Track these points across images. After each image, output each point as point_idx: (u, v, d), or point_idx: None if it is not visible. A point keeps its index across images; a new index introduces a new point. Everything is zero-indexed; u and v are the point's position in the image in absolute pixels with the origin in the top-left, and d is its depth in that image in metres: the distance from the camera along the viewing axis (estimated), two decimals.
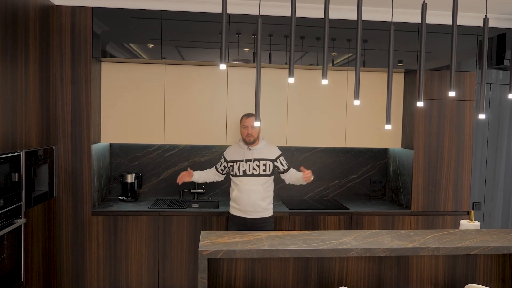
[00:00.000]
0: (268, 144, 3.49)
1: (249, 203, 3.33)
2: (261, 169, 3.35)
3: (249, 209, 3.34)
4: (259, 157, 3.36)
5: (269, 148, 3.45)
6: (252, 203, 3.33)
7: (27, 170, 3.05)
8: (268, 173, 3.37)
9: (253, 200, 3.32)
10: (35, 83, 3.17)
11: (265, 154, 3.39)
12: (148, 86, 3.90)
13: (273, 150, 3.45)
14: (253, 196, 3.33)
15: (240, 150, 3.42)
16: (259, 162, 3.35)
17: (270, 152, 3.42)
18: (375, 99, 4.09)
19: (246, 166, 3.35)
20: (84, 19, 3.57)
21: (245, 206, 3.35)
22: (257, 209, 3.35)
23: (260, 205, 3.34)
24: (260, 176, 3.35)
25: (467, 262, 2.64)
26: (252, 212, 3.35)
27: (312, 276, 2.52)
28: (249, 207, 3.34)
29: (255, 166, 3.35)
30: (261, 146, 3.41)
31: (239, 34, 3.75)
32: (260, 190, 3.34)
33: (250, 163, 3.35)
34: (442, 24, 3.83)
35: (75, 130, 3.62)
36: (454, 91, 2.64)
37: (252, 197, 3.32)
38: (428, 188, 3.98)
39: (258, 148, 3.39)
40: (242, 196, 3.35)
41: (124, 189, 4.09)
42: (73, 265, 3.67)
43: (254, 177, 3.34)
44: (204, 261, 2.23)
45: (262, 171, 3.35)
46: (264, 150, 3.41)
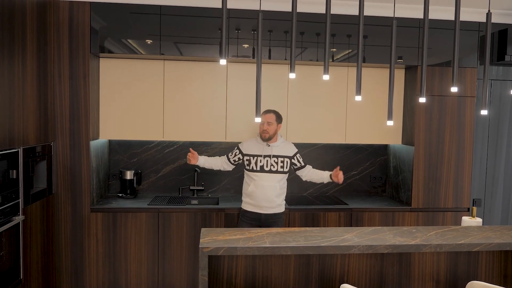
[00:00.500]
0: (285, 141, 3.50)
1: (265, 198, 3.33)
2: (279, 165, 3.35)
3: (265, 204, 3.34)
4: (278, 154, 3.36)
5: (287, 145, 3.46)
6: (268, 198, 3.33)
7: (25, 166, 3.02)
8: (286, 170, 3.39)
9: (269, 196, 3.33)
10: (32, 79, 3.14)
11: (283, 151, 3.39)
12: (147, 82, 3.87)
13: (290, 147, 3.46)
14: (270, 192, 3.33)
15: (258, 145, 3.41)
16: (277, 159, 3.35)
17: (288, 149, 3.43)
18: (375, 95, 4.07)
19: (264, 161, 3.34)
20: (82, 14, 3.53)
21: (260, 202, 3.34)
22: (272, 204, 3.35)
23: (275, 201, 3.36)
24: (277, 173, 3.35)
25: (469, 259, 2.63)
26: (268, 208, 3.35)
27: (314, 273, 2.51)
28: (265, 202, 3.34)
29: (273, 162, 3.35)
30: (279, 143, 3.41)
31: (239, 30, 3.72)
32: (277, 186, 3.35)
33: (268, 159, 3.34)
34: (442, 19, 3.80)
35: (74, 126, 3.59)
36: (456, 87, 2.62)
37: (269, 193, 3.33)
38: (429, 185, 3.97)
39: (276, 145, 3.39)
40: (258, 192, 3.34)
41: (123, 185, 4.06)
42: (72, 262, 3.65)
43: (272, 173, 3.34)
44: (205, 259, 2.21)
45: (280, 168, 3.36)
46: (283, 147, 3.41)
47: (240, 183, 4.31)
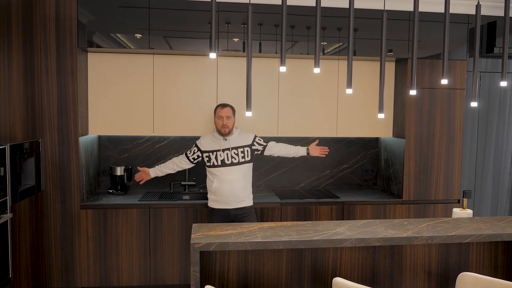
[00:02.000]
0: (242, 132, 3.45)
1: (232, 193, 3.29)
2: (240, 156, 3.32)
3: (232, 199, 3.31)
4: (236, 145, 3.33)
5: (244, 135, 3.42)
6: (233, 193, 3.29)
7: (12, 163, 2.97)
8: (248, 159, 3.35)
9: (234, 189, 3.29)
10: (19, 74, 3.08)
11: (241, 141, 3.36)
12: (136, 77, 3.82)
13: (247, 136, 3.43)
14: (234, 186, 3.29)
15: (215, 140, 3.37)
16: (237, 150, 3.32)
17: (245, 138, 3.39)
18: (366, 88, 4.07)
19: (224, 155, 3.31)
20: (68, 8, 3.47)
21: (227, 197, 3.31)
22: (239, 198, 3.32)
23: (242, 194, 3.32)
24: (240, 164, 3.32)
25: (460, 250, 2.65)
26: (235, 202, 3.32)
27: (306, 267, 2.50)
28: (232, 197, 3.30)
29: (233, 154, 3.31)
30: (236, 135, 3.38)
31: (229, 23, 3.68)
32: (241, 178, 3.32)
33: (228, 152, 3.31)
34: (432, 12, 3.80)
35: (62, 122, 3.53)
36: (446, 80, 2.63)
37: (233, 187, 3.29)
38: (419, 177, 3.99)
39: (233, 137, 3.36)
40: (223, 187, 3.30)
41: (113, 182, 4.02)
42: (62, 259, 3.61)
43: (234, 166, 3.30)
44: (197, 254, 2.20)
45: (242, 159, 3.32)
46: (240, 138, 3.38)
47: None
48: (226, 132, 3.31)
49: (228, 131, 3.31)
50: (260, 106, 3.91)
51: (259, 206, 3.74)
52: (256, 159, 4.29)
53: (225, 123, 3.28)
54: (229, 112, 3.32)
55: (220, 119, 3.31)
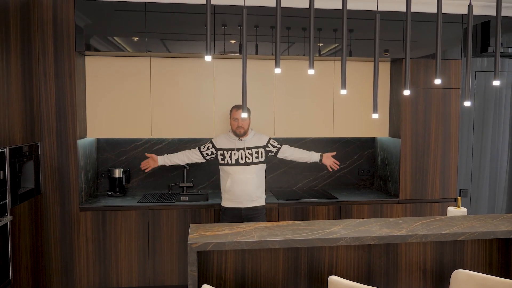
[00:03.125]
0: (257, 133, 3.51)
1: (244, 192, 3.33)
2: (253, 156, 3.37)
3: (245, 198, 3.35)
4: (251, 145, 3.39)
5: (259, 137, 3.48)
6: (247, 192, 3.33)
7: (12, 167, 3.00)
8: (262, 160, 3.40)
9: (247, 189, 3.33)
10: (17, 78, 3.11)
11: (256, 142, 3.42)
12: (134, 79, 3.85)
13: (262, 137, 3.49)
14: (248, 185, 3.34)
15: (230, 140, 3.42)
16: (251, 150, 3.37)
17: (260, 139, 3.45)
18: (362, 88, 4.10)
19: (239, 154, 3.35)
20: (66, 12, 3.50)
21: (240, 196, 3.35)
22: (251, 198, 3.36)
23: (254, 193, 3.37)
24: (253, 164, 3.36)
25: (454, 248, 2.68)
26: (247, 201, 3.36)
27: (302, 266, 2.53)
28: (245, 196, 3.34)
29: (247, 154, 3.36)
30: (251, 136, 3.44)
31: (225, 26, 3.71)
32: (254, 178, 3.36)
33: (242, 152, 3.35)
34: (427, 12, 3.84)
35: (60, 125, 3.57)
36: (439, 79, 2.66)
37: (247, 186, 3.33)
38: (416, 176, 4.02)
39: (249, 138, 3.42)
40: (236, 186, 3.34)
41: (112, 184, 4.05)
42: (62, 261, 3.64)
43: (247, 166, 3.35)
44: (194, 254, 2.23)
45: (255, 159, 3.37)
46: (255, 139, 3.44)
47: None
48: (241, 133, 3.35)
49: (243, 132, 3.35)
50: (257, 107, 3.94)
51: None
52: None
53: (240, 124, 3.33)
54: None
55: (235, 120, 3.35)
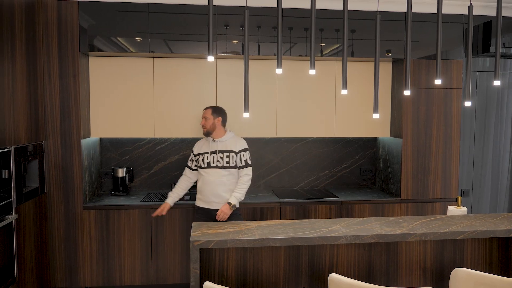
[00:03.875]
0: (235, 137, 3.47)
1: (212, 194, 3.36)
2: (224, 161, 3.36)
3: (213, 200, 3.37)
4: (223, 149, 3.38)
5: (235, 141, 3.43)
6: (215, 194, 3.36)
7: (17, 166, 3.04)
8: (232, 165, 3.36)
9: (216, 191, 3.35)
10: (22, 78, 3.15)
11: (229, 146, 3.39)
12: (137, 79, 3.89)
13: (238, 143, 3.42)
14: (217, 188, 3.35)
15: (206, 143, 3.46)
16: (223, 154, 3.37)
17: (234, 144, 3.40)
18: (364, 88, 4.12)
19: (211, 158, 3.38)
20: (70, 13, 3.54)
21: (209, 197, 3.38)
22: (221, 200, 3.36)
23: (224, 196, 3.36)
24: (223, 168, 3.35)
25: (454, 247, 2.70)
26: (217, 203, 3.37)
27: (303, 264, 2.56)
28: (213, 197, 3.37)
29: (219, 158, 3.36)
30: (226, 138, 3.41)
31: (227, 26, 3.74)
32: (224, 181, 3.35)
33: (214, 155, 3.37)
34: (429, 13, 3.86)
35: (64, 125, 3.61)
36: (440, 80, 2.68)
37: (216, 188, 3.35)
38: (417, 176, 4.03)
39: (222, 140, 3.40)
40: (206, 187, 3.38)
41: (115, 183, 4.09)
42: (66, 260, 3.68)
43: (217, 169, 3.35)
44: (196, 252, 2.26)
45: (226, 163, 3.35)
46: (229, 143, 3.41)
47: None
48: (204, 132, 3.40)
49: (206, 131, 3.40)
50: (259, 107, 3.97)
51: (259, 206, 3.80)
52: (255, 159, 4.35)
53: (202, 123, 3.41)
54: (207, 113, 3.40)
55: (202, 119, 3.43)
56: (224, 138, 3.41)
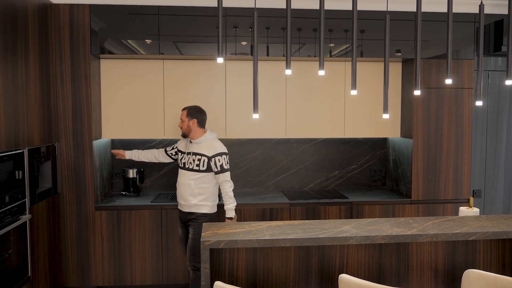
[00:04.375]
0: (212, 140, 3.39)
1: (180, 196, 3.38)
2: (195, 163, 3.32)
3: (181, 202, 3.40)
4: (197, 151, 3.34)
5: (210, 144, 3.35)
6: (182, 196, 3.37)
7: (30, 167, 3.09)
8: (202, 169, 3.30)
9: (183, 193, 3.36)
10: (35, 81, 3.20)
11: (203, 150, 3.32)
12: (147, 81, 3.92)
13: (213, 147, 3.33)
14: (184, 189, 3.35)
15: (186, 142, 3.50)
16: (195, 156, 3.33)
17: (209, 148, 3.32)
18: (374, 89, 4.11)
19: (187, 158, 3.38)
20: (82, 17, 3.59)
21: (179, 199, 3.42)
22: (187, 203, 3.35)
23: (189, 200, 3.32)
24: (192, 171, 3.32)
25: (466, 248, 2.67)
26: (184, 206, 3.39)
27: (313, 264, 2.56)
28: (181, 200, 3.39)
29: (191, 160, 3.34)
30: (202, 141, 3.36)
31: (236, 28, 3.76)
32: (191, 184, 3.31)
33: (190, 156, 3.37)
34: (439, 12, 3.83)
35: (76, 126, 3.65)
36: (450, 79, 2.66)
37: (183, 190, 3.35)
38: (428, 177, 4.01)
39: (198, 142, 3.37)
40: (178, 187, 3.42)
41: (126, 184, 4.13)
42: (78, 259, 3.72)
43: (188, 171, 3.35)
44: (207, 252, 2.27)
45: (196, 166, 3.31)
46: (204, 145, 3.34)
47: (240, 179, 4.37)
48: (181, 133, 3.44)
49: (182, 133, 3.43)
50: (268, 108, 3.98)
51: (268, 207, 3.81)
52: (266, 159, 4.36)
53: (179, 125, 3.45)
54: (183, 115, 3.40)
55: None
56: (200, 140, 3.37)
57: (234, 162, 4.35)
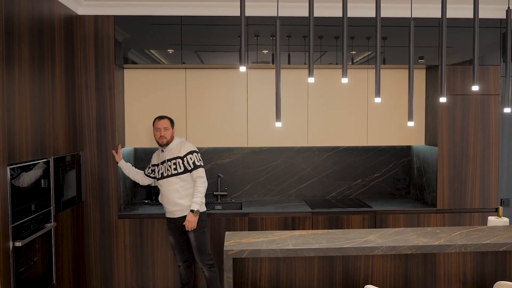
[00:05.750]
0: (182, 142, 3.49)
1: (170, 202, 3.41)
2: (172, 168, 3.40)
3: (173, 208, 3.41)
4: (170, 157, 3.42)
5: (180, 146, 3.45)
6: (172, 202, 3.39)
7: (56, 175, 3.15)
8: (180, 171, 3.39)
9: (172, 199, 3.39)
10: (61, 90, 3.27)
11: (175, 153, 3.43)
12: (170, 90, 3.97)
13: (184, 147, 3.43)
14: (172, 195, 3.39)
15: (159, 153, 3.55)
16: (170, 162, 3.41)
17: (179, 150, 3.42)
18: (396, 96, 4.05)
19: (163, 168, 3.44)
20: (106, 28, 3.66)
21: (168, 207, 3.44)
22: (179, 207, 3.40)
23: (181, 203, 3.39)
24: (173, 176, 3.39)
25: (496, 259, 2.59)
26: (177, 211, 3.41)
27: (337, 275, 2.52)
28: (172, 207, 3.41)
29: (168, 166, 3.42)
30: (172, 146, 3.46)
31: (257, 36, 3.78)
32: (177, 188, 3.39)
33: (164, 165, 3.43)
34: (463, 18, 3.77)
35: (101, 135, 3.71)
36: (477, 86, 2.60)
37: (171, 197, 3.39)
38: (454, 185, 3.91)
39: (169, 148, 3.45)
40: (163, 199, 3.47)
41: (149, 192, 4.16)
42: (101, 267, 3.76)
43: (168, 178, 3.40)
44: (230, 261, 2.26)
45: (174, 170, 3.39)
46: (175, 149, 3.45)
47: (262, 187, 4.36)
48: (164, 142, 3.44)
49: (165, 141, 3.43)
50: (289, 116, 3.97)
51: (290, 215, 3.77)
52: (287, 168, 4.34)
53: (162, 134, 3.43)
54: (167, 124, 3.44)
55: (157, 130, 3.45)
56: (171, 146, 3.46)
57: (255, 170, 4.34)
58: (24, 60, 2.71)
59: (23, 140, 2.68)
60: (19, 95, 2.64)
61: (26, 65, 2.73)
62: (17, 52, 2.62)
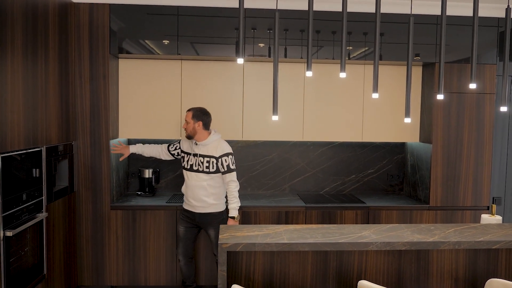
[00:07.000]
0: (218, 141, 3.40)
1: (194, 197, 3.38)
2: (204, 165, 3.34)
3: (196, 204, 3.39)
4: (204, 153, 3.36)
5: (217, 145, 3.37)
6: (197, 198, 3.37)
7: (48, 165, 3.11)
8: (212, 170, 3.34)
9: (198, 195, 3.36)
10: (54, 80, 3.22)
11: (210, 151, 3.35)
12: (165, 82, 3.92)
13: (220, 148, 3.36)
14: (198, 192, 3.36)
15: (190, 143, 3.48)
16: (203, 158, 3.35)
17: (216, 149, 3.35)
18: (392, 92, 4.05)
19: (194, 160, 3.38)
20: (101, 16, 3.60)
21: (191, 201, 3.40)
22: (203, 204, 3.37)
23: (205, 200, 3.36)
24: (203, 173, 3.35)
25: (488, 257, 2.61)
26: (199, 207, 3.39)
27: (331, 269, 2.52)
28: (195, 201, 3.38)
29: (199, 162, 3.36)
30: (208, 142, 3.37)
31: (255, 29, 3.74)
32: (205, 186, 3.35)
33: (196, 158, 3.37)
34: (460, 15, 3.77)
35: (94, 126, 3.67)
36: (475, 84, 2.60)
37: (197, 192, 3.36)
38: (447, 183, 3.93)
39: (204, 144, 3.37)
40: (188, 191, 3.42)
41: (142, 184, 4.13)
42: (93, 258, 3.73)
43: (198, 173, 3.36)
44: (224, 254, 2.25)
45: (205, 168, 3.34)
46: (210, 147, 3.36)
47: (256, 181, 4.35)
48: (186, 135, 3.42)
49: (187, 134, 3.41)
50: (285, 111, 3.95)
51: (284, 210, 3.77)
52: (282, 162, 4.33)
53: (183, 127, 3.42)
54: (188, 117, 3.39)
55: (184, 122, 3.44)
56: (206, 141, 3.38)
57: (249, 164, 4.32)
58: (17, 47, 2.65)
59: (15, 128, 2.63)
60: (11, 83, 2.59)
61: (19, 52, 2.67)
62: (9, 39, 2.57)
